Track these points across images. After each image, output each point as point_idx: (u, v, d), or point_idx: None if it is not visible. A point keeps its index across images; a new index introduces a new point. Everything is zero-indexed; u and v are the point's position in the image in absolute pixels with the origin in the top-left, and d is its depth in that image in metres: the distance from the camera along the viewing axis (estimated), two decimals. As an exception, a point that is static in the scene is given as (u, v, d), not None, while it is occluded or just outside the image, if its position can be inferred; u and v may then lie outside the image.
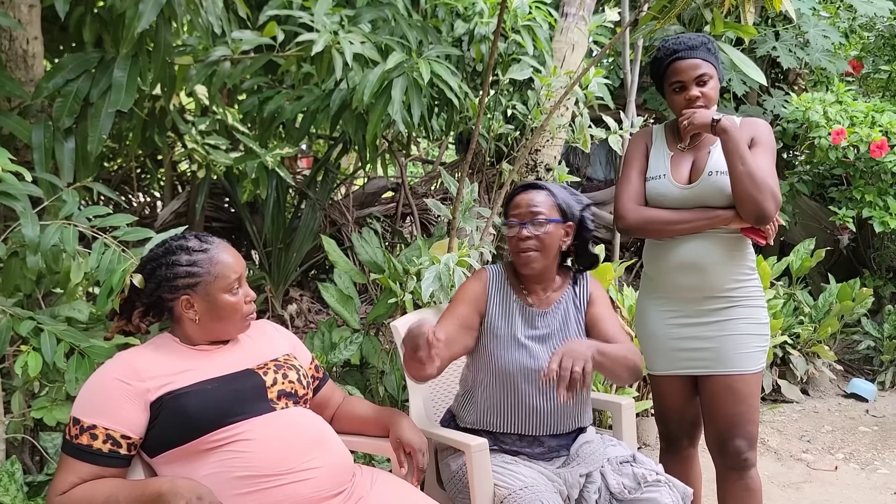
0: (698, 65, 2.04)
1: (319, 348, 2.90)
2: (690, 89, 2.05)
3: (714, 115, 2.00)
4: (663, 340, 2.14)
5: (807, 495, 3.06)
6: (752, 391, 2.07)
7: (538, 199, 1.92)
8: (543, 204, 1.92)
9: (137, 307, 1.63)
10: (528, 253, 1.90)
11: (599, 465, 1.85)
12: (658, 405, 2.24)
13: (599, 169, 6.07)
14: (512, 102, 3.11)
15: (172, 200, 3.53)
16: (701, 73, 2.04)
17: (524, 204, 1.92)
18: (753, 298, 2.10)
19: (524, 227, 1.90)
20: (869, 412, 4.16)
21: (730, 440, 2.08)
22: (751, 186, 1.94)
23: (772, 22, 4.50)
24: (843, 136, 4.12)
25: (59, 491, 1.42)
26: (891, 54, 4.95)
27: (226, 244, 1.61)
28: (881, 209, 4.29)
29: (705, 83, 2.05)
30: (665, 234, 2.10)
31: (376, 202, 4.27)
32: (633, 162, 2.19)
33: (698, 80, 2.05)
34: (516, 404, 1.89)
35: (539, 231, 1.90)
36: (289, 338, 1.77)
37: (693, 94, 2.05)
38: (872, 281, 4.88)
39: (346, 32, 2.12)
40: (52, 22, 2.25)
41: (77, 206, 1.83)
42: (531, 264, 1.92)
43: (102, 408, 1.44)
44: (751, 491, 2.10)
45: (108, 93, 1.97)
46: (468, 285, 1.99)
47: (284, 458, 1.48)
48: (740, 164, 1.95)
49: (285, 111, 2.52)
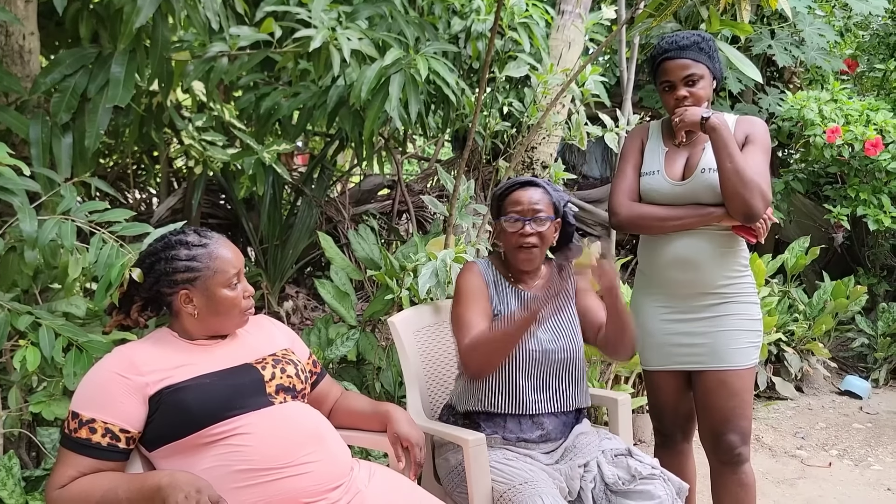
0: (687, 65, 2.04)
1: (316, 344, 2.90)
2: (679, 89, 2.06)
3: (703, 113, 2.01)
4: (657, 336, 2.15)
5: (801, 491, 3.08)
6: (744, 386, 2.09)
7: (537, 196, 1.99)
8: (542, 202, 1.99)
9: (136, 302, 1.64)
10: (532, 249, 1.97)
11: (595, 456, 1.86)
12: (652, 400, 2.26)
13: (595, 167, 6.08)
14: (508, 100, 3.12)
15: (169, 197, 3.52)
16: (689, 73, 2.05)
17: (526, 201, 1.98)
18: (746, 295, 2.12)
19: (527, 223, 1.96)
20: (863, 409, 4.18)
21: (723, 435, 2.09)
22: (738, 184, 1.95)
23: (767, 20, 4.51)
24: (837, 134, 4.14)
25: (58, 485, 1.42)
26: (886, 53, 4.97)
27: (224, 239, 1.62)
28: (875, 207, 4.31)
29: (694, 83, 2.05)
30: (657, 230, 2.11)
31: (373, 199, 4.27)
32: (629, 157, 2.20)
33: (687, 80, 2.05)
34: (515, 381, 1.91)
35: (541, 228, 1.97)
36: (287, 333, 1.78)
37: (680, 93, 2.06)
38: (867, 279, 4.91)
39: (343, 29, 2.12)
40: (48, 17, 2.25)
41: (75, 202, 1.83)
42: (533, 260, 1.99)
43: (101, 402, 1.45)
44: (744, 486, 2.11)
45: (105, 88, 1.97)
46: (470, 280, 2.02)
47: (283, 452, 1.48)
48: (728, 162, 1.96)
49: (282, 108, 2.52)
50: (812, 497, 3.03)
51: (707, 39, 2.08)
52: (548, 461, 1.90)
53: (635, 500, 1.78)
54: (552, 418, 1.95)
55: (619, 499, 1.79)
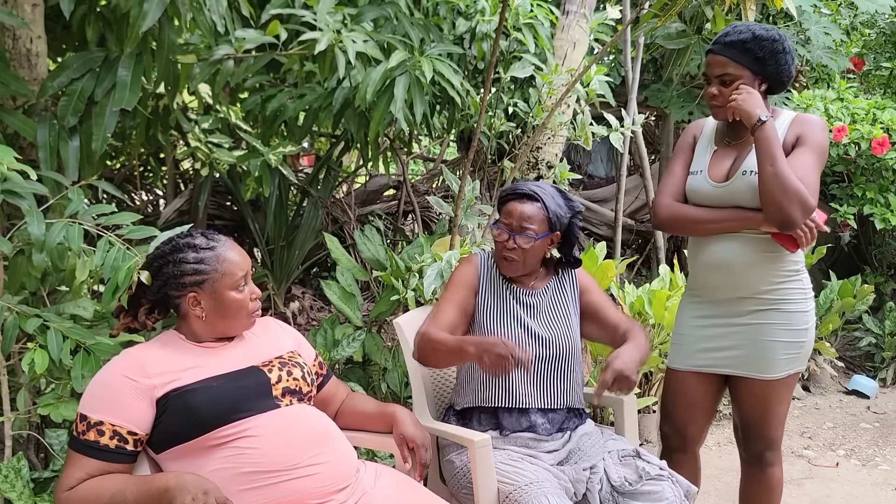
0: (724, 63, 1.93)
1: (322, 345, 2.91)
2: (711, 85, 1.97)
3: (762, 115, 1.87)
4: (687, 336, 2.12)
5: (808, 491, 3.07)
6: (773, 396, 2.04)
7: (530, 211, 1.96)
8: (535, 218, 1.96)
9: (144, 304, 1.65)
10: (511, 262, 1.99)
11: (600, 458, 1.86)
12: (667, 400, 2.19)
13: (601, 166, 6.08)
14: (513, 100, 3.12)
15: (175, 199, 3.53)
16: (723, 72, 1.94)
17: (517, 215, 1.97)
18: (792, 302, 2.00)
19: (512, 237, 1.97)
20: (870, 409, 4.17)
21: (748, 439, 2.11)
22: (777, 190, 1.83)
23: (773, 19, 4.49)
24: (844, 132, 4.12)
25: (67, 486, 1.43)
26: (892, 51, 4.95)
27: (232, 242, 1.63)
28: (882, 206, 4.29)
29: (728, 83, 1.94)
30: (695, 231, 2.05)
31: (378, 200, 4.28)
32: (679, 155, 2.12)
33: (721, 79, 1.95)
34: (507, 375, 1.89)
35: (525, 245, 1.96)
36: (293, 335, 1.79)
37: (710, 91, 1.97)
38: (874, 278, 4.89)
39: (348, 31, 2.13)
40: (55, 21, 2.26)
41: (82, 205, 1.84)
42: (513, 269, 2.01)
43: (109, 404, 1.46)
44: (766, 489, 2.13)
45: (112, 91, 1.97)
46: (461, 270, 2.07)
47: (289, 455, 1.49)
48: (769, 166, 1.84)
49: (288, 109, 2.52)
50: (819, 497, 3.02)
51: (761, 39, 1.91)
52: (552, 461, 1.90)
53: (642, 500, 1.78)
54: (542, 414, 1.95)
55: (626, 500, 1.79)
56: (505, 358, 1.71)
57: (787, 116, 2.02)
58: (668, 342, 3.25)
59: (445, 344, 1.87)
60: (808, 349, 2.06)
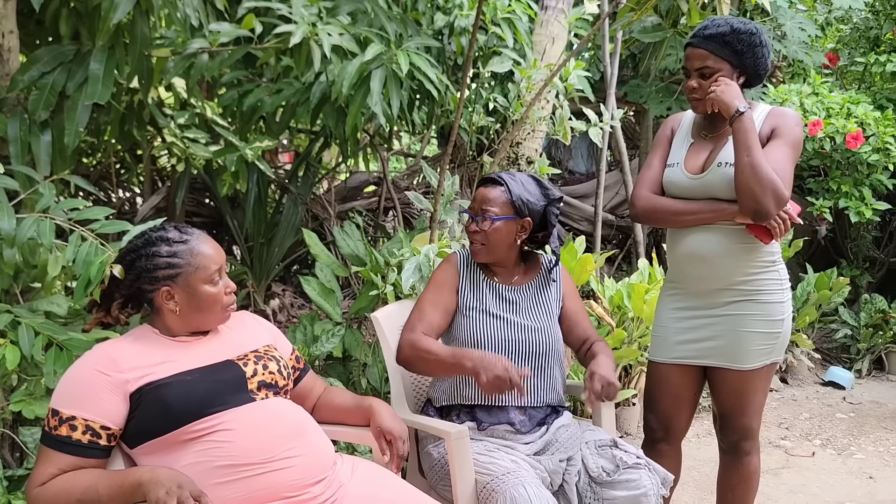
0: (703, 56, 1.95)
1: (301, 341, 2.90)
2: (691, 78, 1.99)
3: (740, 106, 1.89)
4: (666, 328, 2.13)
5: (785, 481, 3.11)
6: (748, 387, 2.06)
7: (492, 195, 1.98)
8: (496, 201, 1.97)
9: (117, 298, 1.63)
10: (475, 245, 2.00)
11: (577, 450, 1.87)
12: (651, 393, 2.21)
13: (581, 162, 6.11)
14: (493, 95, 3.12)
15: (152, 195, 3.50)
16: (703, 64, 1.95)
17: (479, 198, 2.00)
18: (767, 293, 2.02)
19: (474, 220, 1.98)
20: (846, 399, 4.23)
21: (725, 428, 2.15)
22: (751, 179, 1.85)
23: (749, 14, 4.54)
24: (819, 127, 4.17)
25: (38, 482, 1.42)
26: (866, 46, 5.01)
27: (205, 235, 1.61)
28: (857, 199, 4.35)
29: (707, 76, 1.96)
30: (671, 223, 2.07)
31: (358, 196, 4.26)
32: (657, 147, 2.14)
33: (700, 72, 1.97)
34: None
35: (485, 227, 1.97)
36: (269, 329, 1.78)
37: (690, 84, 1.99)
38: (849, 270, 4.96)
39: (324, 24, 2.12)
40: (28, 16, 2.23)
41: (54, 199, 1.82)
42: (477, 256, 2.03)
43: (81, 399, 1.44)
44: (743, 478, 2.17)
45: (84, 85, 1.96)
46: (441, 270, 2.07)
47: (265, 448, 1.49)
48: (746, 156, 1.86)
49: (265, 104, 2.51)
50: (796, 486, 3.06)
51: (739, 32, 1.93)
52: (528, 452, 1.91)
53: (620, 489, 1.79)
54: (521, 412, 1.95)
55: (604, 490, 1.80)
56: (504, 381, 1.72)
57: (762, 109, 2.04)
58: (647, 335, 3.29)
59: (437, 355, 1.86)
60: (785, 340, 2.08)
